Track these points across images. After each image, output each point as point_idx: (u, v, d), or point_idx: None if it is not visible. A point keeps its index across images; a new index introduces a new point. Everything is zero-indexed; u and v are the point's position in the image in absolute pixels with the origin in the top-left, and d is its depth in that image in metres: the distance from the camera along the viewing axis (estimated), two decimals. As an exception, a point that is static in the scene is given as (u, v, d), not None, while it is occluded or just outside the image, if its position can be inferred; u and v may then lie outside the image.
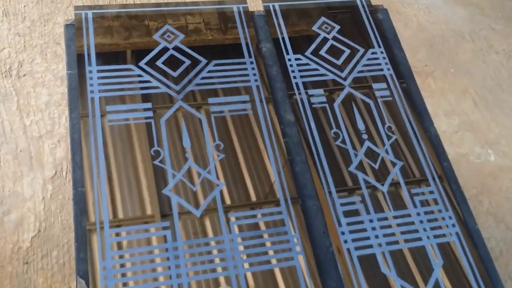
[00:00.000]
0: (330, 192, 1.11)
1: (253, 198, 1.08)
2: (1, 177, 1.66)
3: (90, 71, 1.17)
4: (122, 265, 0.97)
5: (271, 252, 1.02)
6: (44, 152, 1.73)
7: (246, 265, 1.00)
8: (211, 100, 1.18)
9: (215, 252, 1.01)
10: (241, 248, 1.02)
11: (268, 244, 1.03)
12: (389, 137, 1.20)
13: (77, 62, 1.17)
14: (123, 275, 0.96)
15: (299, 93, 1.22)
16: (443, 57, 2.28)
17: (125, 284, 0.95)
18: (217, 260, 1.00)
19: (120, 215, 1.02)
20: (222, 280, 0.97)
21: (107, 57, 1.18)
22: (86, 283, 0.94)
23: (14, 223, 1.59)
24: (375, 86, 1.27)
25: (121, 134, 1.11)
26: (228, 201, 1.07)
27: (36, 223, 1.60)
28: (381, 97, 1.26)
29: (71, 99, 1.14)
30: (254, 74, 1.23)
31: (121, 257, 0.97)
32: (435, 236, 1.09)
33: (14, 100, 1.83)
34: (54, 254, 1.56)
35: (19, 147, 1.72)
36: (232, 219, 1.05)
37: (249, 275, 0.99)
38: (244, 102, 1.19)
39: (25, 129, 1.77)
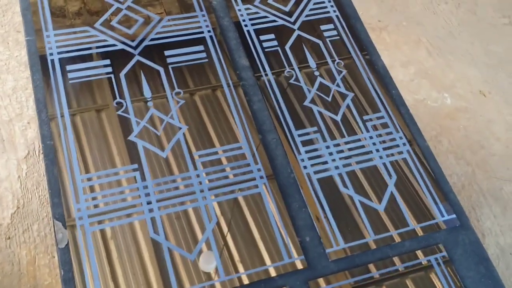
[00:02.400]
0: (288, 126, 1.17)
1: (215, 138, 1.14)
2: (-25, 161, 1.70)
3: (48, 36, 1.22)
4: (96, 206, 1.02)
5: (236, 183, 1.09)
6: (15, 134, 1.77)
7: (213, 197, 1.07)
8: (167, 52, 1.23)
9: (182, 187, 1.07)
10: (207, 181, 1.08)
11: (231, 176, 1.09)
12: (339, 72, 1.27)
13: (35, 30, 1.22)
14: (98, 214, 1.01)
15: (251, 40, 1.29)
16: (395, 12, 2.37)
17: (100, 222, 1.01)
18: (185, 195, 1.06)
19: (90, 162, 1.08)
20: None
21: (62, 22, 1.23)
22: (63, 224, 0.99)
23: (-7, 202, 1.63)
24: (322, 27, 1.34)
25: (84, 91, 1.16)
26: (191, 143, 1.13)
27: (14, 201, 1.64)
28: (329, 37, 1.33)
29: (32, 63, 1.19)
30: (207, 26, 1.29)
31: (94, 198, 1.03)
32: (388, 155, 1.17)
33: (-20, 88, 1.86)
34: (34, 227, 1.60)
35: (-10, 132, 1.76)
36: (196, 157, 1.11)
37: (216, 206, 1.06)
38: (199, 52, 1.25)
39: (-6, 114, 1.81)
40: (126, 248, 0.99)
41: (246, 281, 0.99)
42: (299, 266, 1.02)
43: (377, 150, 1.17)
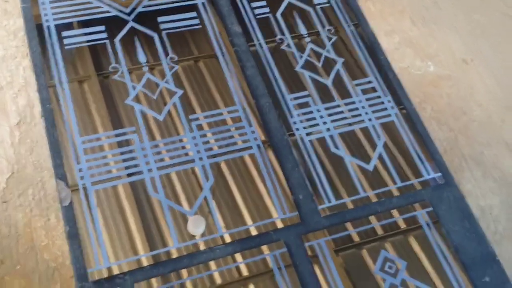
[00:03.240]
0: (280, 90, 1.21)
1: (210, 102, 1.18)
2: (-33, 128, 1.72)
3: (43, 3, 1.24)
4: (97, 166, 1.06)
5: (231, 144, 1.13)
6: (7, 102, 1.78)
7: (210, 157, 1.11)
8: (160, 18, 1.26)
9: (180, 149, 1.11)
10: (202, 143, 1.12)
11: (227, 138, 1.13)
12: (329, 39, 1.31)
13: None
14: (99, 174, 1.05)
15: (243, 7, 1.32)
16: (380, -18, 2.41)
17: (101, 182, 1.05)
18: (182, 155, 1.10)
19: (88, 126, 1.11)
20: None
21: (58, -13, 1.25)
22: (66, 184, 1.03)
23: (-13, 169, 1.66)
24: (312, -6, 1.37)
25: (80, 57, 1.18)
26: (187, 107, 1.16)
27: (8, 166, 1.67)
28: (319, 4, 1.36)
29: (28, 30, 1.21)
30: (200, -8, 1.31)
31: (94, 159, 1.06)
32: (377, 118, 1.22)
33: (-31, 57, 1.87)
34: (29, 191, 1.64)
35: (-20, 99, 1.77)
36: (192, 120, 1.14)
37: (212, 167, 1.10)
38: (192, 18, 1.28)
39: (-16, 82, 1.82)
40: (128, 207, 1.03)
41: (243, 235, 1.04)
42: (294, 222, 1.07)
43: (366, 113, 1.22)
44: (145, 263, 0.98)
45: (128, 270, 0.98)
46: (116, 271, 0.97)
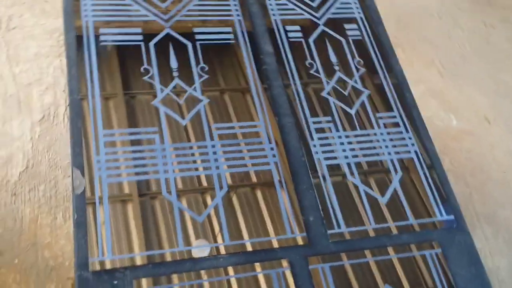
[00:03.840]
0: (304, 112, 1.22)
1: (233, 115, 1.19)
2: (-9, 118, 1.74)
3: (85, 4, 1.27)
4: (115, 160, 1.07)
5: (248, 158, 1.13)
6: (33, 98, 1.81)
7: (226, 167, 1.11)
8: (196, 29, 1.29)
9: (198, 154, 1.11)
10: (221, 152, 1.12)
11: (245, 151, 1.14)
12: (358, 70, 1.33)
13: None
14: (116, 168, 1.06)
15: (278, 29, 1.34)
16: (412, 31, 2.44)
17: (118, 175, 1.05)
18: (200, 161, 1.10)
19: (114, 122, 1.12)
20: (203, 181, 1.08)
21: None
22: (81, 172, 1.04)
23: (3, 159, 1.67)
24: (346, 26, 1.39)
25: (113, 55, 1.21)
26: (210, 115, 1.17)
27: (24, 160, 1.68)
28: (352, 35, 1.38)
29: (66, 21, 1.23)
30: (236, 10, 1.34)
31: (114, 153, 1.07)
32: (396, 153, 1.22)
33: (3, 51, 1.91)
34: (41, 188, 1.64)
35: (8, 93, 1.80)
36: (214, 129, 1.15)
37: (228, 176, 1.10)
38: (227, 33, 1.30)
39: (14, 77, 1.85)
40: (140, 204, 1.03)
41: (249, 248, 1.02)
42: (300, 242, 1.06)
43: (386, 146, 1.22)
44: (146, 261, 0.97)
45: (129, 266, 0.97)
46: (117, 265, 0.96)
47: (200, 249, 1.02)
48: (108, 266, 0.96)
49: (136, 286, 0.94)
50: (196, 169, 1.10)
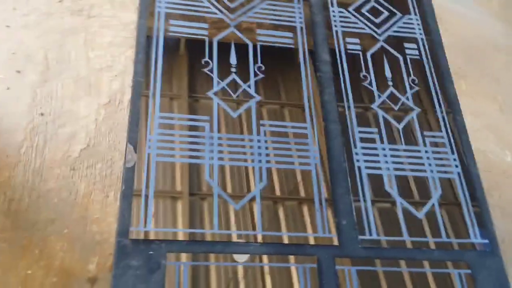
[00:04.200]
0: (351, 121, 1.26)
1: (283, 114, 1.24)
2: (61, 97, 1.87)
3: (160, -7, 1.36)
4: (166, 141, 1.14)
5: (292, 156, 1.18)
6: (102, 82, 1.93)
7: (268, 162, 1.16)
8: (259, 30, 1.35)
9: (244, 146, 1.17)
10: (267, 148, 1.17)
11: (291, 150, 1.18)
12: (411, 87, 1.35)
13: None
14: (165, 148, 1.13)
15: (337, 40, 1.39)
16: (478, 65, 2.42)
17: (166, 155, 1.12)
18: (245, 153, 1.16)
19: (173, 105, 1.19)
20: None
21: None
22: (134, 149, 1.11)
23: (67, 135, 1.79)
24: (406, 45, 1.42)
25: (178, 46, 1.29)
26: (261, 113, 1.23)
27: (86, 139, 1.79)
28: (410, 55, 1.41)
29: (142, 6, 1.32)
30: (300, 17, 1.40)
31: (165, 134, 1.14)
32: (438, 172, 1.23)
33: (81, 36, 2.05)
34: (98, 166, 1.74)
35: (80, 75, 1.93)
36: (263, 125, 1.20)
37: (270, 171, 1.15)
38: (288, 37, 1.36)
39: (88, 60, 1.98)
40: (181, 184, 1.09)
41: (285, 240, 1.07)
42: (331, 243, 1.09)
43: (430, 164, 1.23)
44: (182, 238, 1.03)
45: (165, 239, 1.03)
46: (155, 237, 1.03)
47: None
48: (146, 237, 1.02)
49: (174, 259, 1.00)
50: (241, 160, 1.15)
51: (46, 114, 1.81)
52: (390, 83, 1.34)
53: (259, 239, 1.06)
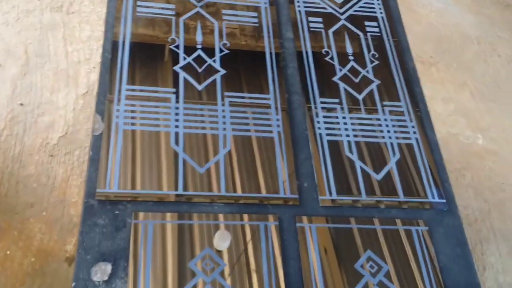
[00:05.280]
0: (313, 93, 1.31)
1: (246, 87, 1.29)
2: (41, 87, 1.92)
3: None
4: (133, 111, 1.19)
5: (256, 125, 1.23)
6: (80, 74, 1.98)
7: (232, 130, 1.21)
8: (224, 11, 1.41)
9: (208, 116, 1.22)
10: (230, 117, 1.22)
11: (252, 118, 1.24)
12: (372, 62, 1.41)
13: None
14: (132, 118, 1.18)
15: (300, 19, 1.45)
16: (448, 54, 2.49)
17: (132, 124, 1.17)
18: (210, 122, 1.21)
19: (137, 80, 1.25)
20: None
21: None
22: (102, 118, 1.16)
23: (46, 124, 1.83)
24: (367, 23, 1.48)
25: (146, 25, 1.34)
26: (225, 85, 1.28)
27: (65, 127, 1.84)
28: (371, 32, 1.47)
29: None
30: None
31: (132, 105, 1.19)
32: (397, 138, 1.28)
33: (61, 31, 2.10)
34: (76, 153, 1.79)
35: (59, 67, 1.98)
36: (227, 96, 1.26)
37: (232, 138, 1.20)
38: (253, 17, 1.42)
39: (67, 54, 2.03)
40: (148, 150, 1.14)
41: (247, 201, 1.12)
42: (293, 203, 1.14)
43: (388, 131, 1.29)
44: (148, 200, 1.08)
45: (132, 200, 1.07)
46: (121, 199, 1.07)
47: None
48: (114, 198, 1.07)
49: (141, 218, 1.05)
50: (204, 128, 1.20)
51: (25, 104, 1.86)
52: (351, 57, 1.40)
53: (223, 200, 1.11)
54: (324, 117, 1.28)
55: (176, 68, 1.28)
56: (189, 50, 1.32)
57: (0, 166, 1.71)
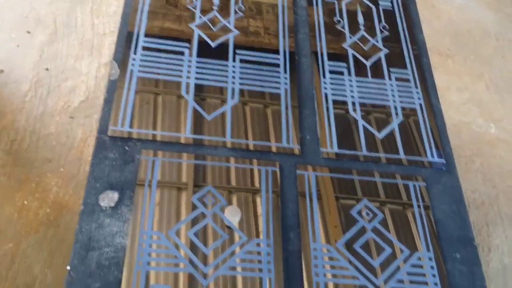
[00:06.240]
0: (322, 56, 1.37)
1: (259, 47, 1.35)
2: (66, 55, 2.00)
3: None
4: (148, 61, 1.25)
5: (264, 81, 1.28)
6: (104, 45, 2.07)
7: (240, 84, 1.27)
8: (242, -23, 1.47)
9: (218, 71, 1.28)
10: (240, 72, 1.28)
11: (261, 75, 1.29)
12: (382, 32, 1.46)
13: None
14: (147, 66, 1.24)
15: (315, -11, 1.50)
16: (466, 47, 2.51)
17: (147, 72, 1.23)
18: (219, 76, 1.27)
19: (154, 34, 1.31)
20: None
21: None
22: (118, 65, 1.23)
23: (69, 88, 1.92)
24: (379, -3, 1.53)
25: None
26: (238, 45, 1.34)
27: (86, 92, 1.92)
28: (383, 5, 1.52)
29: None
30: (281, -32, 1.52)
31: (148, 55, 1.26)
32: (401, 102, 1.32)
33: (89, 5, 2.19)
34: (95, 117, 1.87)
35: (85, 37, 2.07)
36: (238, 54, 1.32)
37: (240, 92, 1.26)
38: (268, -15, 1.48)
39: (93, 26, 2.12)
40: (160, 97, 1.20)
41: (251, 148, 1.17)
42: (295, 153, 1.19)
43: (393, 96, 1.33)
44: (156, 140, 1.14)
45: (141, 139, 1.14)
46: (132, 136, 1.14)
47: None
48: (123, 136, 1.13)
49: (150, 156, 1.11)
50: (215, 80, 1.26)
51: (50, 69, 1.94)
52: (362, 27, 1.45)
53: (227, 145, 1.16)
54: (331, 78, 1.33)
55: (192, 25, 1.34)
56: (205, 12, 1.38)
57: (23, 124, 1.80)
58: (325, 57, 1.37)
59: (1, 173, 1.68)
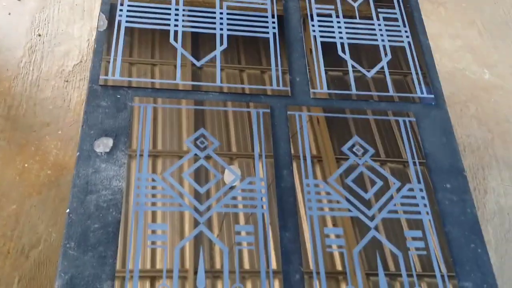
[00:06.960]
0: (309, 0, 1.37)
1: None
2: (57, 20, 2.01)
3: None
4: (135, 11, 1.26)
5: (252, 26, 1.29)
6: (95, 9, 2.07)
7: (228, 30, 1.27)
8: None
9: (205, 16, 1.28)
10: (227, 18, 1.29)
11: (248, 20, 1.30)
12: (368, -26, 1.45)
13: None
14: (134, 16, 1.25)
15: None
16: (459, -5, 2.51)
17: (134, 22, 1.24)
18: (207, 23, 1.28)
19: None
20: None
21: None
22: (106, 17, 1.24)
23: (62, 52, 1.93)
24: None
25: None
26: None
27: (79, 56, 1.93)
28: None
29: None
30: None
31: (135, 6, 1.27)
32: (389, 40, 1.33)
33: (77, -30, 2.19)
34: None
35: (75, 2, 2.07)
36: (226, 0, 1.32)
37: (228, 38, 1.26)
38: None
39: (82, -9, 2.12)
40: (148, 45, 1.21)
41: (242, 91, 1.19)
42: (285, 94, 1.20)
43: (381, 35, 1.34)
44: (147, 87, 1.16)
45: (132, 86, 1.15)
46: (122, 85, 1.15)
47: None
48: (114, 84, 1.15)
49: (142, 102, 1.12)
50: (201, 27, 1.27)
51: (43, 35, 1.95)
52: (348, -30, 1.45)
53: (217, 90, 1.18)
54: (319, 21, 1.33)
55: (178, -25, 1.34)
56: (191, -39, 1.38)
57: (19, 89, 1.81)
58: (313, 0, 1.37)
59: (0, 138, 1.70)
